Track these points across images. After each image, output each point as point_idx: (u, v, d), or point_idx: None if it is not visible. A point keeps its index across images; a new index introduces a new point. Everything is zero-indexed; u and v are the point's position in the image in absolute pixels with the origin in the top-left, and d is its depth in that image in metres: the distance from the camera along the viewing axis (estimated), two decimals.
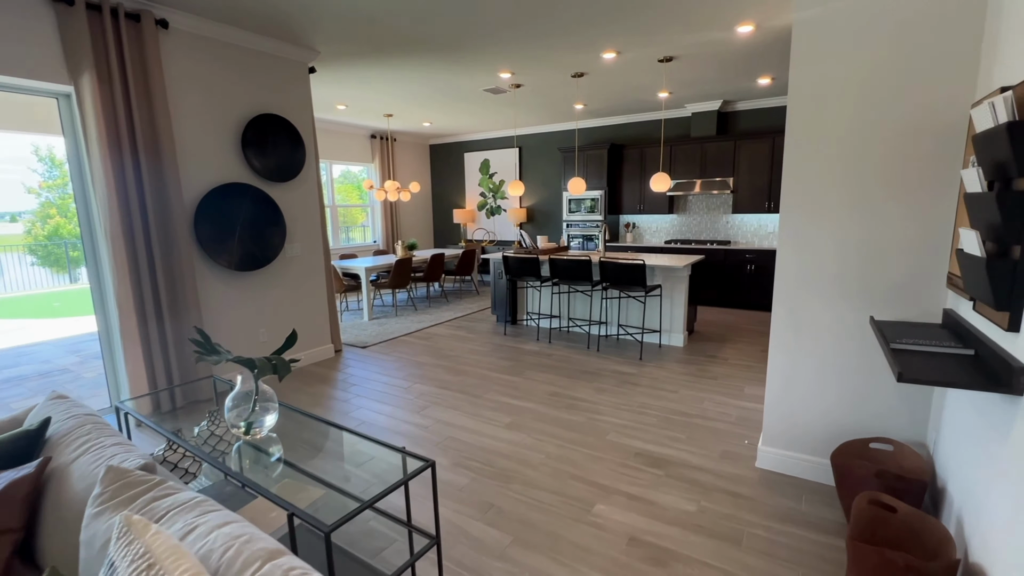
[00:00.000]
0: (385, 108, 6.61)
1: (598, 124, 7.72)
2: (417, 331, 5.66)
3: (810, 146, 2.26)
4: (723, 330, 5.46)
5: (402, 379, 4.08)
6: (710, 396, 3.60)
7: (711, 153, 6.61)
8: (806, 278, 2.36)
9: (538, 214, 8.61)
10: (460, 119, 7.47)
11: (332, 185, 7.97)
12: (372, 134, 8.41)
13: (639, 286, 4.45)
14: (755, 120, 6.59)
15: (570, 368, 4.27)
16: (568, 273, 4.87)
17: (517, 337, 5.31)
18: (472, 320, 6.14)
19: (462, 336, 5.38)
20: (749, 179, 6.42)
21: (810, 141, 2.26)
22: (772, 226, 6.61)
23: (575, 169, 7.52)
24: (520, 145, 8.61)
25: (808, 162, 2.28)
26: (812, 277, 2.34)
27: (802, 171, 2.30)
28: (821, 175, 2.25)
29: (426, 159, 9.70)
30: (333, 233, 8.05)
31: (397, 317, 6.34)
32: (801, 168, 2.30)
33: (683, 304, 4.80)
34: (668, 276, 4.84)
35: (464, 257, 7.51)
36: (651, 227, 7.54)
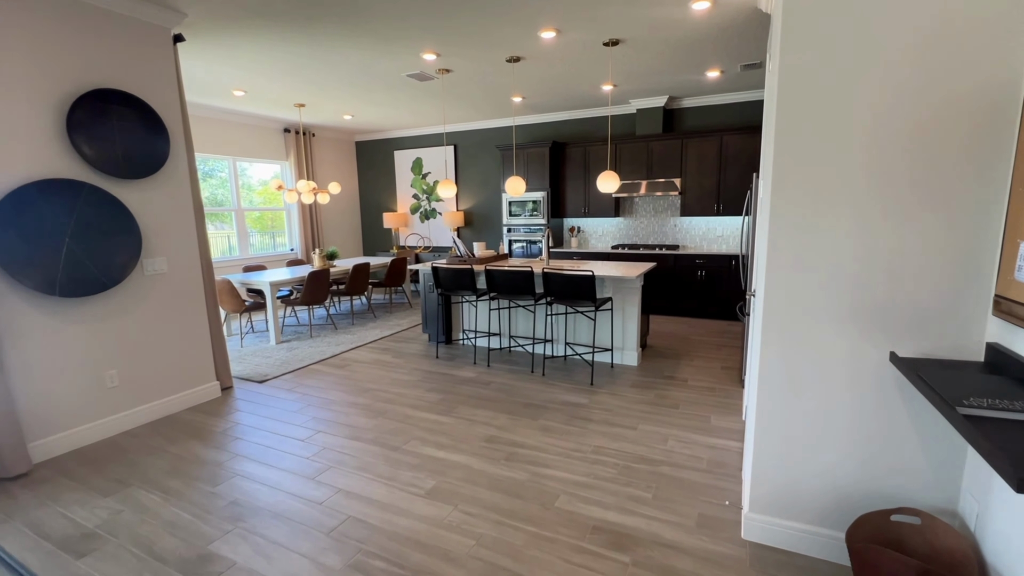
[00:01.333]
0: (293, 96, 5.69)
1: (539, 120, 7.15)
2: (333, 356, 4.80)
3: (810, 138, 1.72)
4: (677, 343, 5.01)
5: (302, 426, 3.25)
6: (674, 432, 3.05)
7: (657, 152, 6.21)
8: (804, 304, 1.82)
9: (477, 218, 7.93)
10: (386, 112, 6.66)
11: (237, 185, 6.89)
12: (285, 128, 7.40)
13: (588, 301, 3.87)
14: (702, 118, 6.26)
15: (511, 400, 3.61)
16: (507, 286, 4.22)
17: (451, 360, 4.59)
18: (400, 340, 5.35)
19: (386, 362, 4.59)
20: (697, 180, 6.06)
21: (810, 132, 1.72)
22: (721, 229, 6.30)
23: (515, 169, 6.91)
24: (455, 143, 7.90)
25: (807, 158, 1.74)
26: (813, 302, 1.81)
27: (798, 169, 1.76)
28: (825, 174, 1.72)
29: (352, 158, 8.76)
30: (239, 241, 6.96)
31: (312, 339, 5.43)
32: (797, 166, 1.76)
33: (636, 318, 4.28)
34: (620, 288, 4.30)
35: (394, 266, 6.69)
36: (597, 231, 7.06)
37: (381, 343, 5.26)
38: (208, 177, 6.69)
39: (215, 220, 6.68)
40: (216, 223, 6.71)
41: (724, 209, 5.96)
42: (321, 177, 8.16)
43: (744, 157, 5.77)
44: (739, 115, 6.05)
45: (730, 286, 5.84)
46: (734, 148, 5.81)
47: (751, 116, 5.99)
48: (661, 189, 6.11)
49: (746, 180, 5.79)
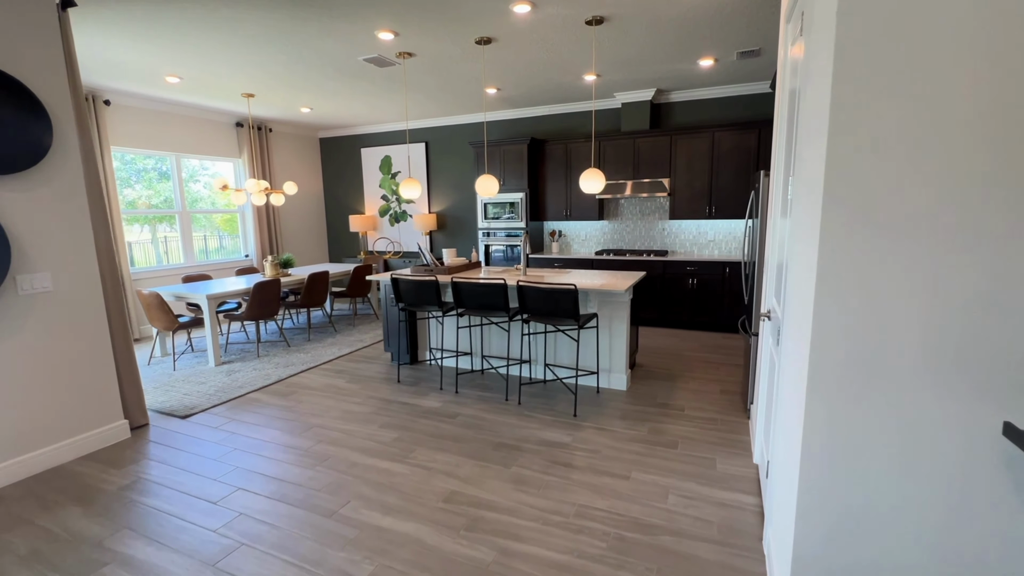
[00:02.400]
0: (238, 85, 5.04)
1: (517, 116, 6.61)
2: (279, 381, 4.17)
3: (882, 131, 1.19)
4: (670, 360, 4.51)
5: (219, 481, 2.63)
6: (674, 482, 2.52)
7: (644, 150, 5.72)
8: (871, 355, 1.29)
9: (451, 221, 7.35)
10: (348, 105, 6.04)
11: (181, 185, 6.19)
12: (238, 122, 6.72)
13: (570, 319, 3.33)
14: (692, 113, 5.79)
15: (480, 439, 3.04)
16: (476, 301, 3.66)
17: (414, 385, 4.01)
18: (360, 359, 4.74)
19: (339, 388, 3.98)
20: (687, 180, 5.59)
21: (881, 124, 1.19)
22: (713, 233, 5.84)
23: (487, 167, 6.35)
24: (426, 140, 7.30)
25: (876, 157, 1.21)
26: (885, 353, 1.28)
27: (864, 174, 1.23)
28: (901, 182, 1.19)
29: (316, 156, 8.10)
30: (184, 247, 6.25)
31: (259, 360, 4.78)
32: (861, 169, 1.23)
33: (625, 337, 3.76)
34: (606, 302, 3.77)
35: (357, 275, 6.07)
36: (580, 235, 6.54)
37: (338, 363, 4.64)
38: (166, 179, 5.97)
39: (166, 223, 5.97)
40: (171, 226, 6.00)
41: (716, 212, 5.50)
42: (280, 176, 7.48)
43: (738, 155, 5.31)
44: (733, 110, 5.59)
45: (724, 296, 5.37)
46: (727, 146, 5.35)
47: (746, 111, 5.54)
48: (648, 190, 5.62)
49: (740, 180, 5.33)
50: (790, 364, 1.63)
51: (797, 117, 1.78)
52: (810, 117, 1.47)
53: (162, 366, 4.61)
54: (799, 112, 1.72)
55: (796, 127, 1.81)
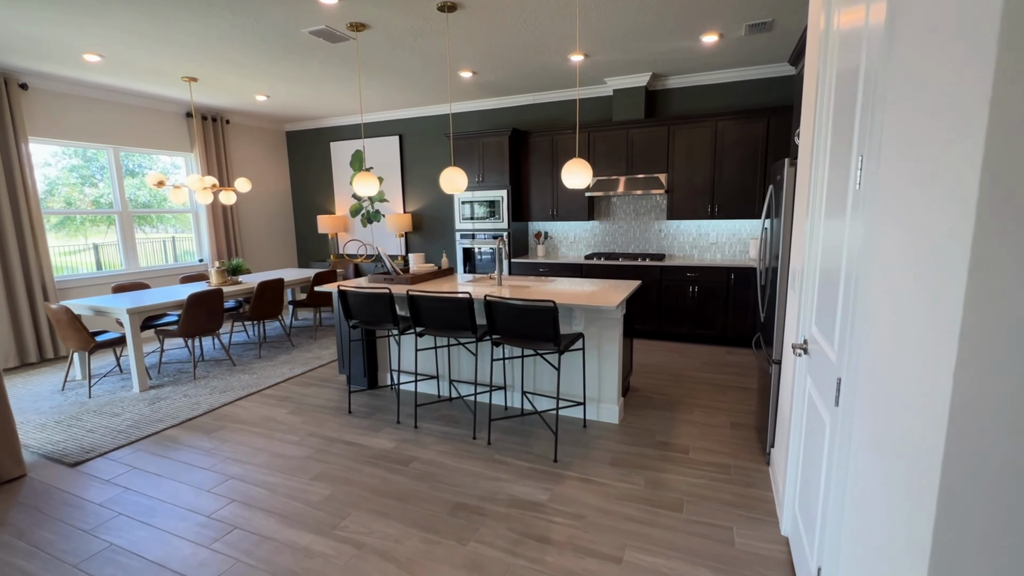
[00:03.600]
0: (174, 66, 4.38)
1: (496, 105, 5.99)
2: (209, 412, 3.52)
3: None
4: (668, 382, 3.90)
5: (75, 568, 1.99)
6: (681, 568, 1.91)
7: (639, 142, 5.11)
8: None
9: (428, 222, 6.71)
10: (309, 92, 5.38)
11: (120, 182, 5.51)
12: (188, 112, 6.05)
13: (549, 342, 2.70)
14: (692, 101, 5.18)
15: (434, 497, 2.41)
16: (437, 318, 3.03)
17: (367, 417, 3.37)
18: (311, 382, 4.10)
19: (277, 421, 3.34)
20: (687, 176, 4.98)
21: None
22: (715, 235, 5.24)
23: (470, 160, 5.72)
24: (400, 132, 6.66)
25: None
26: None
27: None
28: None
29: (282, 151, 7.44)
30: (124, 252, 5.58)
31: (195, 382, 4.13)
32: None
33: (616, 360, 3.14)
34: (595, 319, 3.15)
35: (320, 282, 5.42)
36: (567, 237, 5.93)
37: (285, 387, 3.99)
38: (134, 174, 5.29)
39: (144, 224, 5.29)
40: (152, 227, 5.32)
41: (719, 211, 4.90)
42: (240, 174, 6.81)
43: (744, 148, 4.72)
44: (738, 97, 5.00)
45: (729, 306, 4.77)
46: (731, 137, 4.75)
47: (752, 98, 4.94)
48: (643, 187, 5.01)
49: (747, 176, 4.74)
50: (878, 462, 1.01)
51: (869, 96, 1.17)
52: (925, 92, 0.85)
53: (78, 392, 3.95)
54: (876, 89, 1.11)
55: (865, 108, 1.20)
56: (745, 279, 4.68)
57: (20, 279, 4.61)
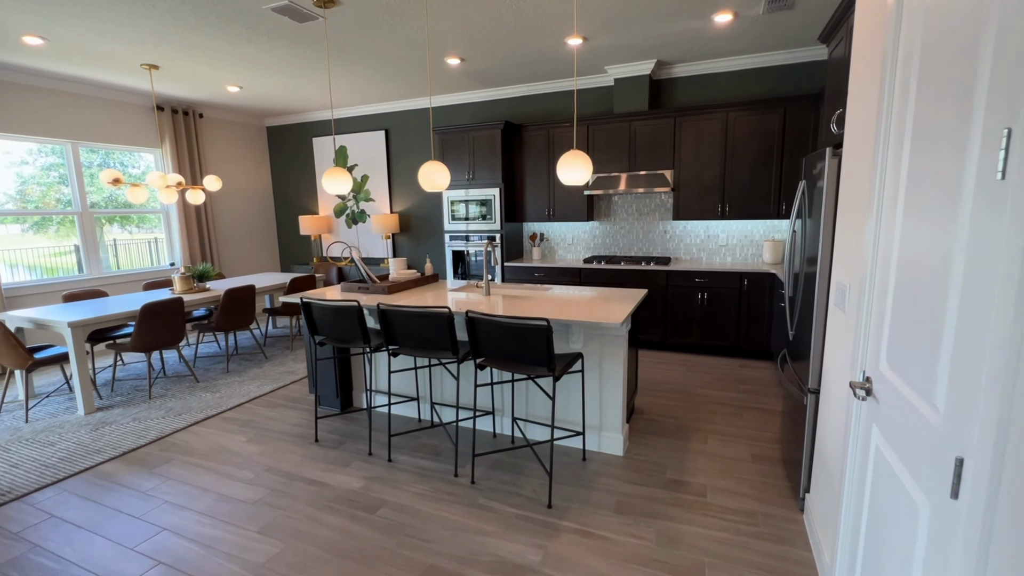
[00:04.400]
0: (128, 51, 3.95)
1: (488, 96, 5.56)
2: (157, 440, 3.09)
3: None
4: (678, 402, 3.48)
5: None
6: None
7: (643, 136, 4.69)
8: None
9: (416, 223, 6.29)
10: (285, 83, 4.96)
11: (80, 179, 5.08)
12: (158, 105, 5.61)
13: (542, 366, 2.28)
14: (700, 90, 4.77)
15: (405, 556, 2.00)
16: (411, 335, 2.61)
17: (336, 447, 2.95)
18: (279, 402, 3.67)
19: (232, 452, 2.92)
20: (695, 172, 4.57)
21: None
22: (725, 237, 4.82)
23: (459, 156, 5.30)
24: (386, 127, 6.24)
25: None
26: None
27: None
28: None
29: (263, 147, 7.00)
30: (85, 255, 5.14)
31: (149, 403, 3.70)
32: None
33: (620, 382, 2.72)
34: (595, 336, 2.74)
35: (296, 288, 5.00)
36: (565, 239, 5.51)
37: (249, 408, 3.57)
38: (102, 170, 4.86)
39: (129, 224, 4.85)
40: (137, 227, 4.89)
41: (730, 211, 4.49)
42: (216, 171, 6.38)
43: (757, 141, 4.30)
44: (751, 86, 4.58)
45: (741, 314, 4.36)
46: (744, 130, 4.34)
47: (768, 87, 4.53)
48: (647, 184, 4.59)
49: (760, 172, 4.32)
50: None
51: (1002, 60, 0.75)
52: None
53: (15, 416, 3.52)
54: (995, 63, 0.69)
55: (999, 77, 0.79)
56: (760, 285, 4.26)
57: None
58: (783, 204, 4.31)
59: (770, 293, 4.25)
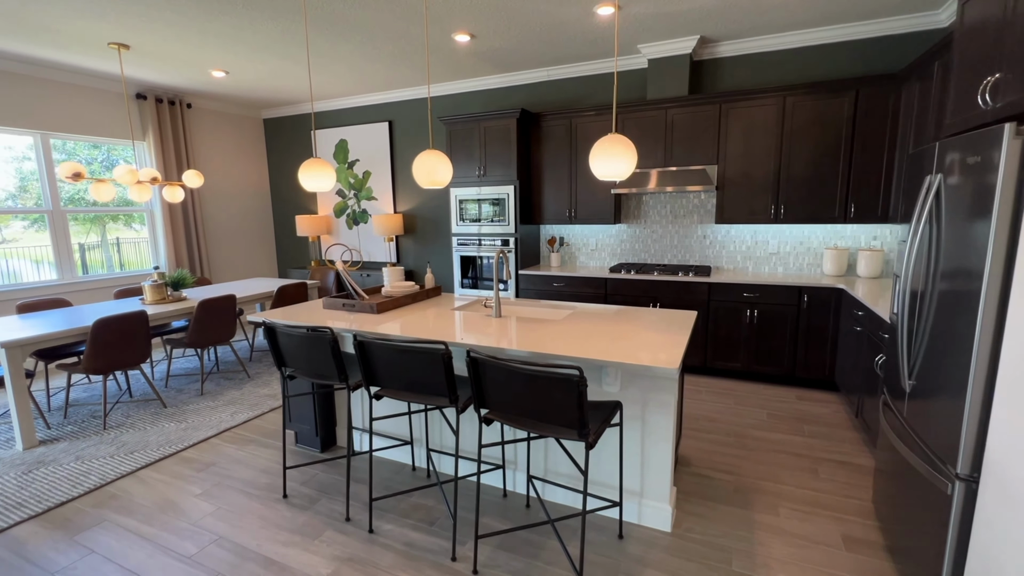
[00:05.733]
0: (82, 23, 3.41)
1: (502, 83, 4.95)
2: (96, 489, 2.54)
3: None
4: (729, 447, 2.83)
5: None
6: None
7: (681, 126, 4.04)
8: None
9: (422, 224, 5.70)
10: (271, 65, 4.40)
11: (51, 174, 4.59)
12: (139, 92, 5.11)
13: (570, 428, 1.65)
14: (751, 72, 4.09)
15: None
16: (397, 375, 2.00)
17: (307, 508, 2.36)
18: (252, 437, 3.11)
19: (182, 510, 2.35)
20: (743, 168, 3.90)
21: None
22: (776, 243, 4.14)
23: (469, 149, 4.69)
24: (389, 118, 5.66)
25: None
26: None
27: None
28: None
29: (259, 141, 6.49)
30: (56, 257, 4.65)
31: (102, 434, 3.17)
32: None
33: (670, 438, 2.09)
34: (636, 378, 2.10)
35: (284, 296, 4.44)
36: (588, 243, 4.87)
37: (214, 445, 3.01)
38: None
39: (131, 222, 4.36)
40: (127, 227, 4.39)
41: (785, 213, 3.81)
42: (206, 167, 5.87)
43: (820, 131, 3.62)
44: (815, 66, 3.89)
45: (799, 335, 3.68)
46: (804, 117, 3.66)
47: (834, 66, 3.83)
48: (685, 182, 3.93)
49: (824, 167, 3.64)
50: None
51: None
52: None
53: None
54: None
55: None
56: (823, 302, 3.58)
57: None
58: (851, 206, 3.62)
59: (835, 312, 3.56)
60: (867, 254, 3.70)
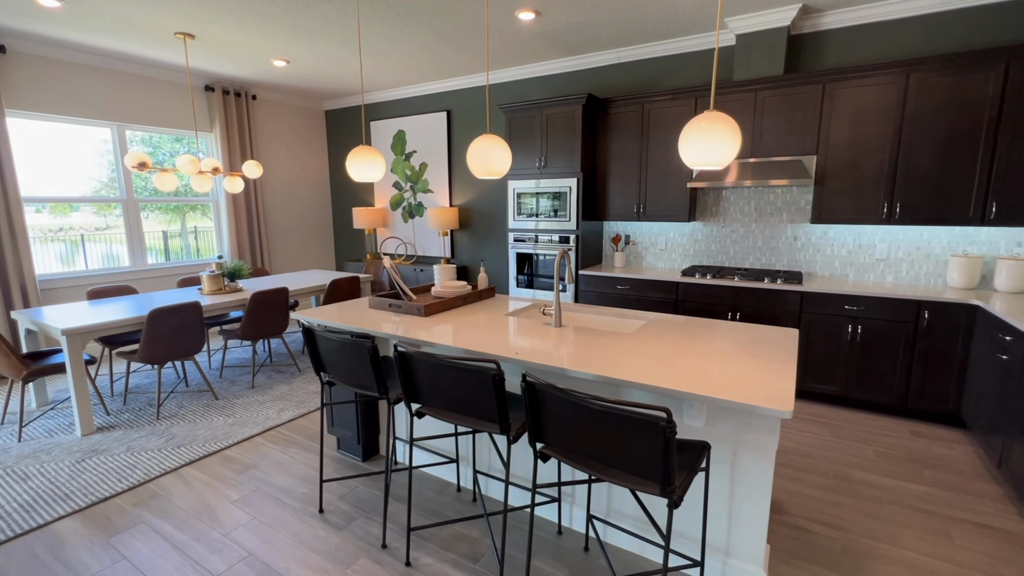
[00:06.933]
0: (152, 15, 3.40)
1: (566, 67, 4.59)
2: (140, 485, 2.49)
3: None
4: (832, 495, 2.36)
5: None
6: None
7: (772, 110, 3.52)
8: None
9: (478, 217, 5.47)
10: (331, 53, 4.29)
11: (120, 164, 4.75)
12: (208, 85, 5.20)
13: (651, 480, 1.31)
14: (862, 45, 3.48)
15: None
16: (441, 395, 1.74)
17: (345, 526, 2.16)
18: (295, 438, 2.98)
19: (216, 517, 2.22)
20: (849, 157, 3.33)
21: None
22: (885, 248, 3.53)
23: (529, 139, 4.37)
24: (448, 108, 5.45)
25: None
26: None
27: None
28: None
29: (320, 133, 6.51)
30: (129, 245, 4.82)
31: (154, 424, 3.16)
32: None
33: (767, 491, 1.69)
34: (725, 414, 1.72)
35: (337, 290, 4.35)
36: (656, 243, 4.42)
37: (258, 445, 2.91)
38: None
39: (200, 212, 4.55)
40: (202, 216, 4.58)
41: (901, 213, 3.21)
42: (268, 159, 5.94)
43: (952, 114, 3.00)
44: (943, 36, 3.24)
45: (913, 358, 3.08)
46: (932, 97, 3.05)
47: (974, 35, 3.17)
48: (774, 174, 3.41)
49: (955, 158, 3.02)
50: None
51: None
52: None
53: (10, 432, 3.10)
54: None
55: None
56: (949, 320, 2.97)
57: None
58: (990, 205, 2.98)
59: (966, 333, 2.94)
60: (1010, 263, 3.04)
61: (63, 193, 4.39)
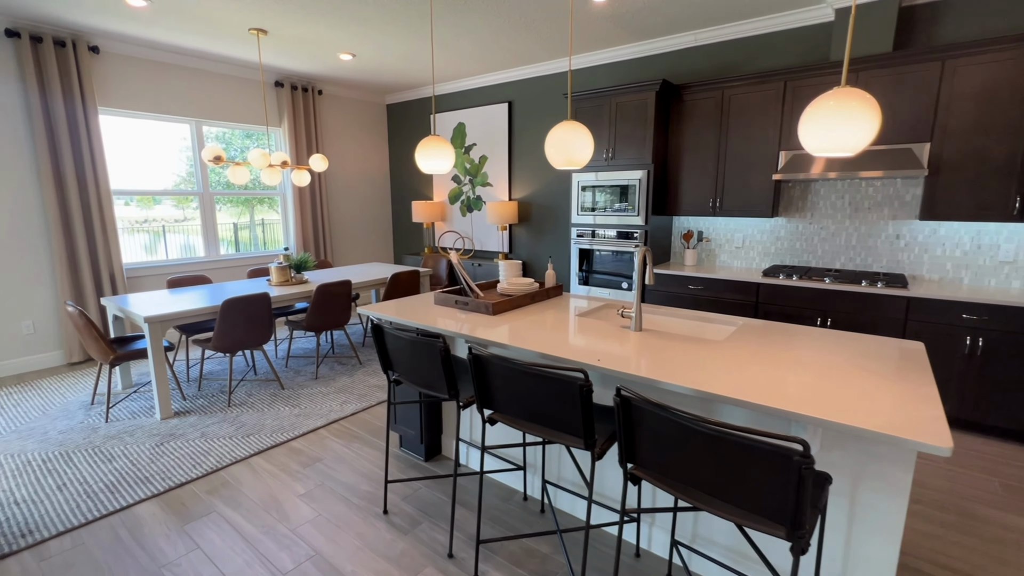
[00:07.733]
0: (230, 10, 3.47)
1: (638, 52, 4.33)
2: (212, 472, 2.54)
3: None
4: (951, 527, 2.04)
5: None
6: None
7: (878, 92, 3.13)
8: None
9: (538, 212, 5.32)
10: (396, 45, 4.26)
11: (198, 158, 4.96)
12: (277, 80, 5.34)
13: (778, 523, 1.12)
14: (985, 17, 3.03)
15: None
16: (519, 400, 1.60)
17: (410, 530, 2.09)
18: (358, 431, 2.96)
19: (284, 511, 2.21)
20: (973, 145, 2.91)
21: None
22: (1013, 250, 3.07)
23: (597, 129, 4.17)
24: (509, 99, 5.32)
25: None
26: None
27: None
28: None
29: (382, 127, 6.56)
30: (205, 236, 5.04)
31: (226, 411, 3.25)
32: None
33: (897, 534, 1.45)
34: (844, 441, 1.48)
35: (397, 284, 4.34)
36: (731, 240, 4.11)
37: (322, 437, 2.91)
38: None
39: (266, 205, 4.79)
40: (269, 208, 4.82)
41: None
42: (333, 152, 6.05)
43: None
44: None
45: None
46: None
47: None
48: (875, 165, 3.04)
49: None
50: None
51: None
52: None
53: (98, 413, 3.27)
54: None
55: None
56: None
57: (87, 266, 4.17)
58: None
59: None
60: None
61: (148, 186, 4.63)
